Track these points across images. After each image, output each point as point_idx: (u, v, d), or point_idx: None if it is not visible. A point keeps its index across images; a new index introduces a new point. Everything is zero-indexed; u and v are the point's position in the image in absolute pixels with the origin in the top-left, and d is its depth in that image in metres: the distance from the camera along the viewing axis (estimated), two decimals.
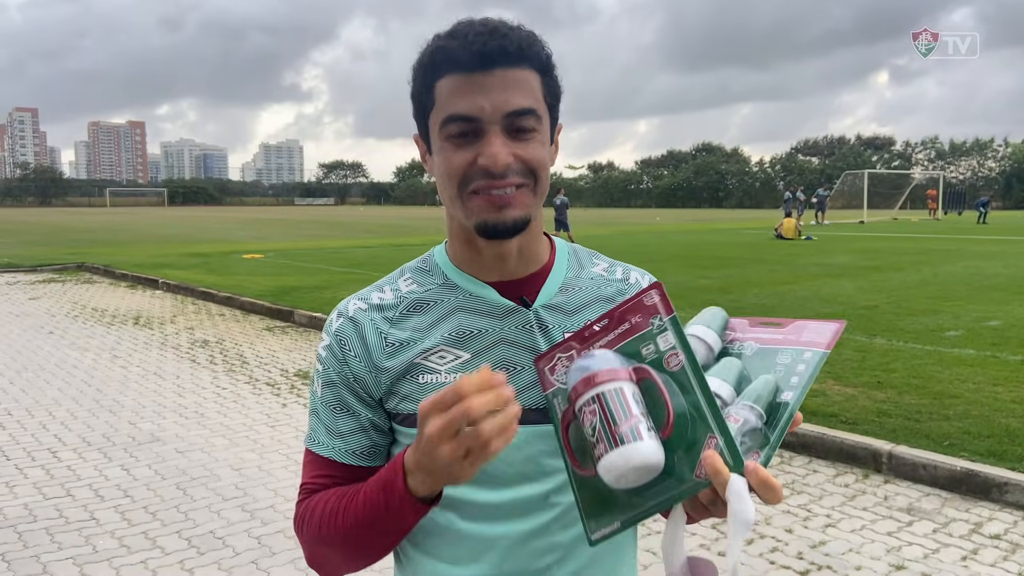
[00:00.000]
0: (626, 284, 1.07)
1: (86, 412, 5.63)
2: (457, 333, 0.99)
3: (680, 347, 0.82)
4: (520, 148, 0.91)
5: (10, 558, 3.40)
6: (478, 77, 0.89)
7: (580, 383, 0.83)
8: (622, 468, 0.78)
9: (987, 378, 5.76)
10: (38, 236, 27.04)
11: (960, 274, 12.88)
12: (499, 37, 0.90)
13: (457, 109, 0.90)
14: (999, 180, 77.71)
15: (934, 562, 3.33)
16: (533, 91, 0.92)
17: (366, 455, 1.01)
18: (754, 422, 0.79)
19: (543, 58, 0.93)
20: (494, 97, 0.89)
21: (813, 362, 0.82)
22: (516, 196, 0.92)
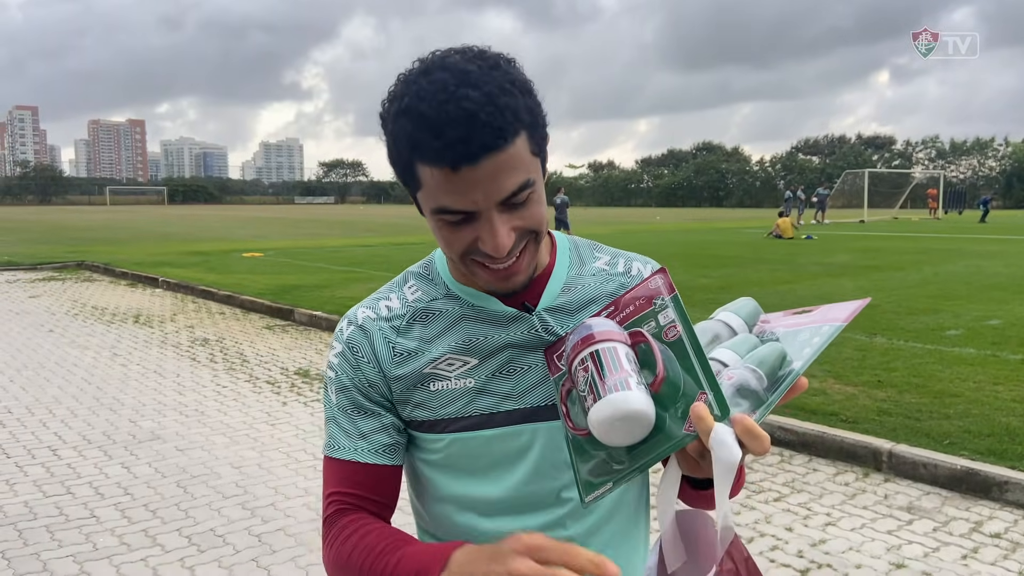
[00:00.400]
0: (628, 277, 1.07)
1: (86, 410, 5.63)
2: (464, 341, 0.99)
3: (679, 320, 0.84)
4: (519, 218, 0.88)
5: (10, 556, 3.41)
6: (464, 173, 0.82)
7: (578, 343, 0.86)
8: (610, 417, 0.79)
9: (987, 377, 5.76)
10: (38, 234, 27.04)
11: (960, 273, 12.88)
12: (480, 127, 0.80)
13: (448, 203, 0.85)
14: (999, 179, 77.68)
15: (934, 561, 3.33)
16: (523, 160, 0.85)
17: (388, 453, 1.02)
18: (752, 383, 0.80)
19: (525, 117, 0.85)
20: (485, 188, 0.84)
21: (827, 333, 0.83)
22: (521, 260, 0.92)
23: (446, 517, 1.05)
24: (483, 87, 0.81)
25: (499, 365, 0.99)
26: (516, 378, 0.99)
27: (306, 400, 5.92)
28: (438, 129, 0.80)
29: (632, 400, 0.78)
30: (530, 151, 0.86)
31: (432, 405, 0.99)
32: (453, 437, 0.99)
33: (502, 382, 0.99)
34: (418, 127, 0.82)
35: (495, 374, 0.99)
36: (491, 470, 1.00)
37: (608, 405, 0.79)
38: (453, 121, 0.80)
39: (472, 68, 0.82)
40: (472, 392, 0.98)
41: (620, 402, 0.78)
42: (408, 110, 0.82)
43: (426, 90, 0.81)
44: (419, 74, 0.84)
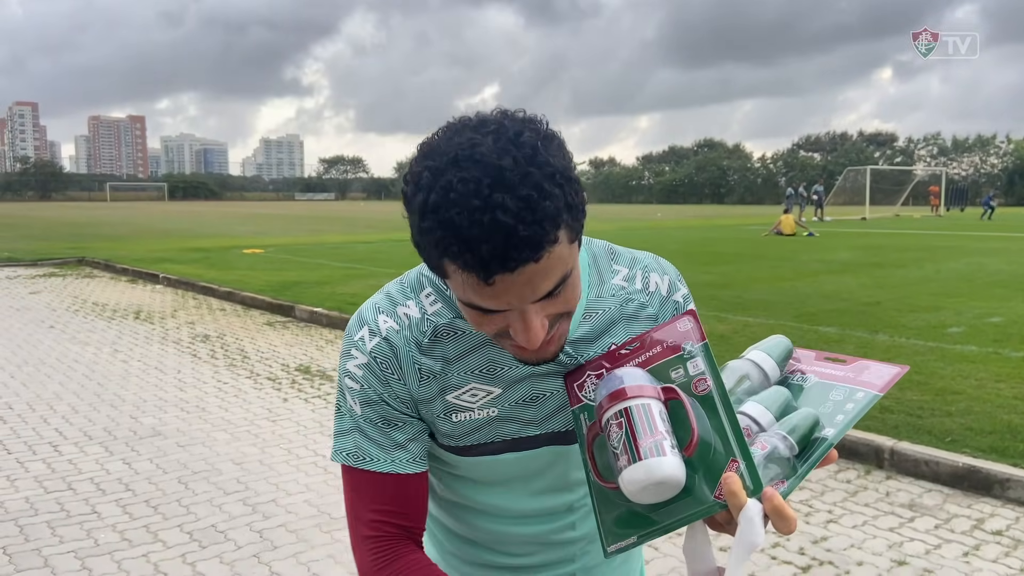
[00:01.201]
0: (647, 295, 1.03)
1: (87, 406, 5.63)
2: (486, 369, 0.97)
3: (709, 373, 0.83)
4: (553, 306, 0.83)
5: (11, 551, 3.41)
6: (498, 281, 0.76)
7: (608, 397, 0.85)
8: (643, 482, 0.79)
9: (989, 374, 5.75)
10: (38, 230, 27.04)
11: (962, 271, 12.87)
12: (517, 243, 0.73)
13: (479, 303, 0.80)
14: (1001, 177, 77.61)
15: (936, 558, 3.33)
16: (562, 257, 0.79)
17: (423, 460, 0.99)
18: (783, 451, 0.79)
19: (566, 215, 0.78)
20: (521, 292, 0.78)
21: (863, 402, 0.82)
22: (553, 338, 0.87)
23: (452, 511, 1.10)
24: (520, 190, 0.73)
25: (522, 394, 0.98)
26: (538, 405, 0.98)
27: (307, 396, 5.92)
28: (472, 243, 0.74)
29: (666, 467, 0.78)
30: (569, 242, 0.80)
31: (455, 434, 0.99)
32: (474, 460, 1.00)
33: (524, 410, 0.98)
34: (448, 235, 0.74)
35: (518, 402, 0.98)
36: (507, 484, 1.03)
37: (643, 470, 0.78)
38: (488, 236, 0.73)
39: (507, 163, 0.74)
40: (495, 421, 0.98)
41: (655, 468, 0.78)
42: (436, 210, 0.75)
43: (457, 191, 0.73)
44: (448, 164, 0.75)
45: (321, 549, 3.46)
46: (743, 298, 9.79)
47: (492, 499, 1.04)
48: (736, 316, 8.35)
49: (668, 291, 1.04)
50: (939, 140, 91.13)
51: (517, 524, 1.05)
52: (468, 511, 1.07)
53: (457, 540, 1.11)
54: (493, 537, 1.07)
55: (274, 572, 3.26)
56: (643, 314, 1.02)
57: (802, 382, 0.88)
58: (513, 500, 1.03)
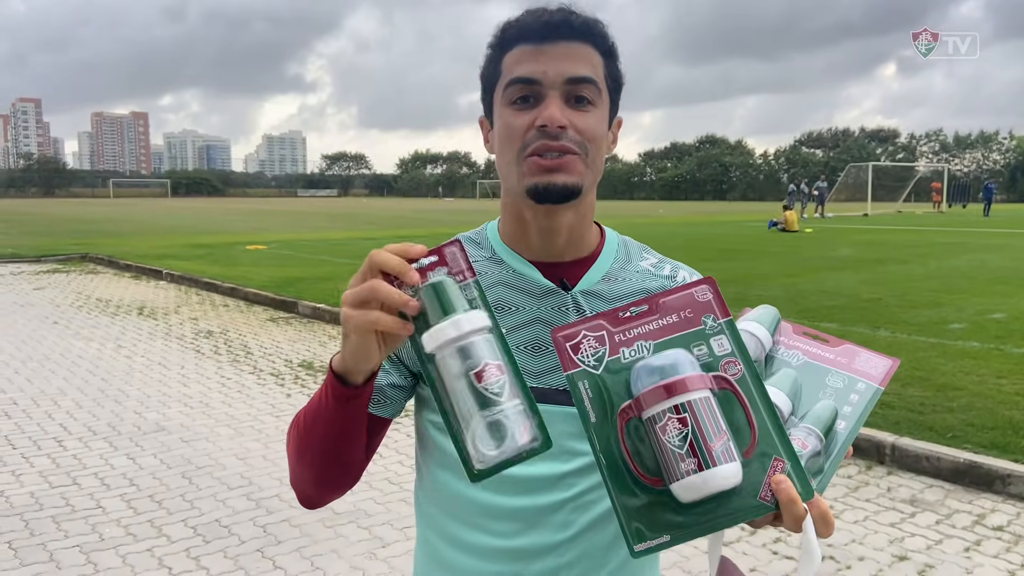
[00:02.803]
0: (672, 282, 1.08)
1: (91, 401, 5.66)
2: (496, 305, 1.00)
3: (739, 356, 0.76)
4: (576, 117, 0.95)
5: (17, 546, 3.43)
6: (543, 47, 0.95)
7: (661, 387, 0.74)
8: (710, 490, 0.71)
9: (991, 370, 5.76)
10: (42, 227, 27.07)
11: (964, 267, 12.86)
12: (566, 13, 0.96)
13: (520, 72, 0.96)
14: (1004, 173, 77.45)
15: (937, 553, 3.34)
16: (594, 66, 0.97)
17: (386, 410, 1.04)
18: (817, 448, 0.77)
19: (607, 42, 0.99)
20: (556, 64, 0.94)
21: (867, 396, 0.79)
22: (567, 161, 0.95)
23: (445, 485, 1.05)
24: (580, 12, 0.97)
25: (526, 340, 1.00)
26: (540, 357, 1.00)
27: (310, 392, 5.93)
28: (535, 12, 0.97)
29: (734, 475, 0.71)
30: (604, 76, 0.98)
31: None
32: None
33: (525, 357, 1.00)
34: (518, 15, 0.99)
35: (520, 347, 1.00)
36: None
37: (713, 478, 0.71)
38: (549, 12, 0.96)
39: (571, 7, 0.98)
40: None
41: (725, 478, 0.71)
42: (511, 23, 0.99)
43: (529, 10, 0.98)
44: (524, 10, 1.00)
45: (324, 544, 3.48)
46: (744, 294, 9.79)
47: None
48: (737, 312, 8.35)
49: None
50: (941, 136, 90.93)
51: (500, 492, 1.00)
52: (451, 477, 1.03)
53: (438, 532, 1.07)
54: (473, 507, 1.02)
55: (278, 567, 3.28)
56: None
57: (792, 359, 0.84)
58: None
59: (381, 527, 3.61)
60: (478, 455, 0.73)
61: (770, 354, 0.86)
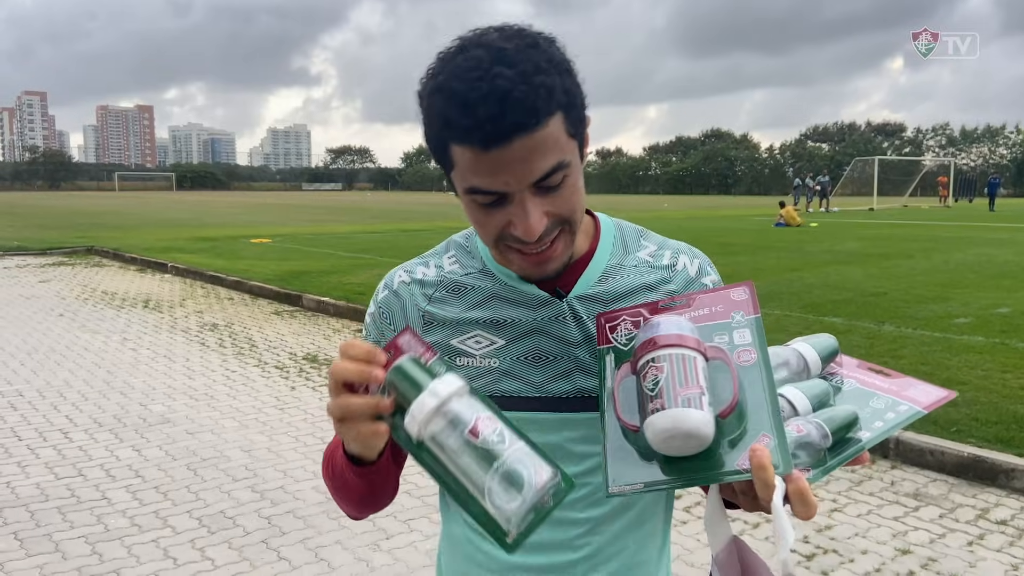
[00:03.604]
0: (672, 272, 1.03)
1: (97, 394, 5.68)
2: (492, 320, 0.99)
3: (757, 346, 0.80)
4: (552, 204, 0.87)
5: (23, 536, 3.45)
6: (495, 153, 0.81)
7: (658, 338, 0.81)
8: (671, 430, 0.75)
9: (996, 365, 5.74)
10: (47, 219, 27.15)
11: (970, 261, 12.82)
12: (513, 105, 0.78)
13: (479, 184, 0.85)
14: (1010, 167, 77.13)
15: (940, 547, 3.34)
16: (557, 142, 0.83)
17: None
18: (816, 439, 0.77)
19: (562, 97, 0.82)
20: (517, 170, 0.82)
21: (905, 415, 0.79)
22: (555, 247, 0.90)
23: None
24: (518, 65, 0.79)
25: (525, 351, 0.98)
26: (541, 367, 0.98)
27: (315, 385, 5.95)
28: (470, 107, 0.79)
29: (698, 420, 0.75)
30: (566, 132, 0.84)
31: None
32: None
33: (526, 368, 0.98)
34: (450, 104, 0.81)
35: (520, 359, 0.98)
36: None
37: (674, 418, 0.75)
38: (485, 99, 0.78)
39: (509, 46, 0.81)
40: (497, 372, 0.99)
41: (686, 418, 0.74)
42: (441, 87, 0.82)
43: (461, 67, 0.81)
44: (456, 52, 0.83)
45: (329, 535, 3.49)
46: None
47: None
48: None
49: (696, 273, 1.04)
50: (948, 130, 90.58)
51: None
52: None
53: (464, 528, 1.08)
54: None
55: (282, 558, 3.29)
56: (663, 288, 1.01)
57: (840, 384, 0.85)
58: None
59: (385, 519, 3.62)
60: (502, 514, 0.72)
61: (824, 379, 0.86)
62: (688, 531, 3.51)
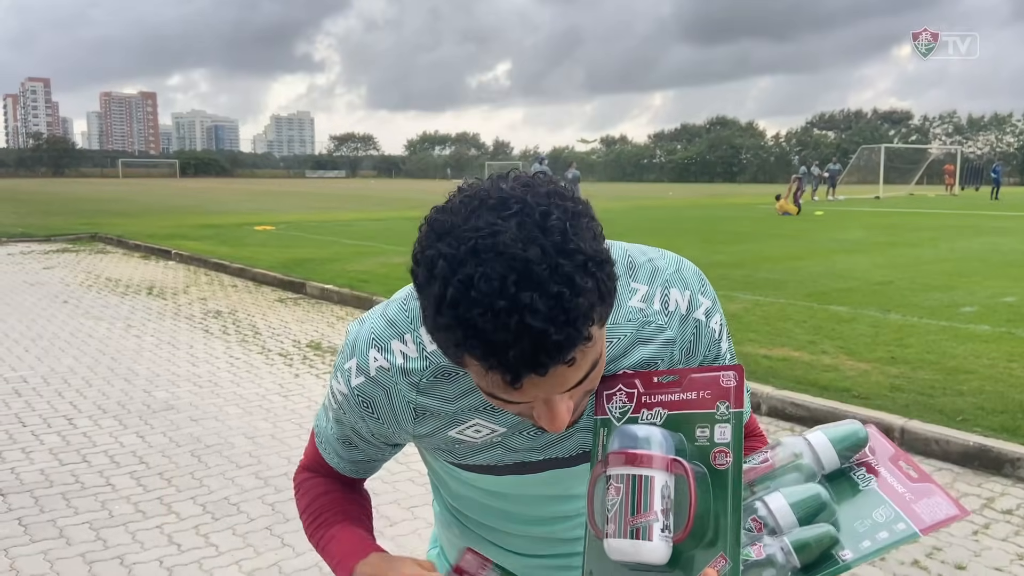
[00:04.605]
0: (665, 317, 0.93)
1: (101, 380, 5.69)
2: (490, 407, 0.91)
3: (733, 448, 0.79)
4: (580, 390, 0.78)
5: (27, 522, 3.46)
6: (526, 383, 0.71)
7: (618, 454, 0.81)
8: (619, 557, 0.79)
9: (1002, 354, 5.72)
10: (51, 206, 27.17)
11: (977, 250, 12.76)
12: (550, 348, 0.67)
13: (503, 397, 0.75)
14: (1017, 155, 76.72)
15: (944, 536, 3.33)
16: (594, 347, 0.73)
17: (369, 471, 1.09)
18: (779, 561, 0.76)
19: (599, 305, 0.71)
20: (548, 389, 0.73)
21: (899, 535, 0.77)
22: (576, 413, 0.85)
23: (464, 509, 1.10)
24: (550, 287, 0.66)
25: (527, 428, 0.94)
26: (541, 436, 0.95)
27: (318, 372, 5.95)
28: (497, 348, 0.67)
29: (645, 552, 0.77)
30: (600, 326, 0.73)
31: (457, 454, 0.98)
32: (478, 476, 1.00)
33: (528, 440, 0.95)
34: (470, 338, 0.68)
35: (520, 435, 0.95)
36: (515, 497, 1.02)
37: (621, 547, 0.78)
38: (516, 341, 0.66)
39: (534, 254, 0.66)
40: (499, 447, 0.96)
41: (631, 550, 0.77)
42: (455, 306, 0.67)
43: (478, 289, 0.66)
44: (467, 254, 0.67)
45: None
46: (754, 277, 9.74)
47: (495, 502, 1.04)
48: (747, 295, 8.33)
49: (688, 308, 0.95)
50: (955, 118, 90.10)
51: (520, 523, 1.05)
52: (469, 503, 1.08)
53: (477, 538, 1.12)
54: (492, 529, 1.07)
55: (286, 544, 3.30)
56: (660, 337, 0.93)
57: (862, 483, 0.82)
58: (514, 506, 1.03)
59: (388, 506, 3.63)
60: None
61: (846, 472, 0.84)
62: None
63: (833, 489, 0.82)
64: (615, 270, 0.74)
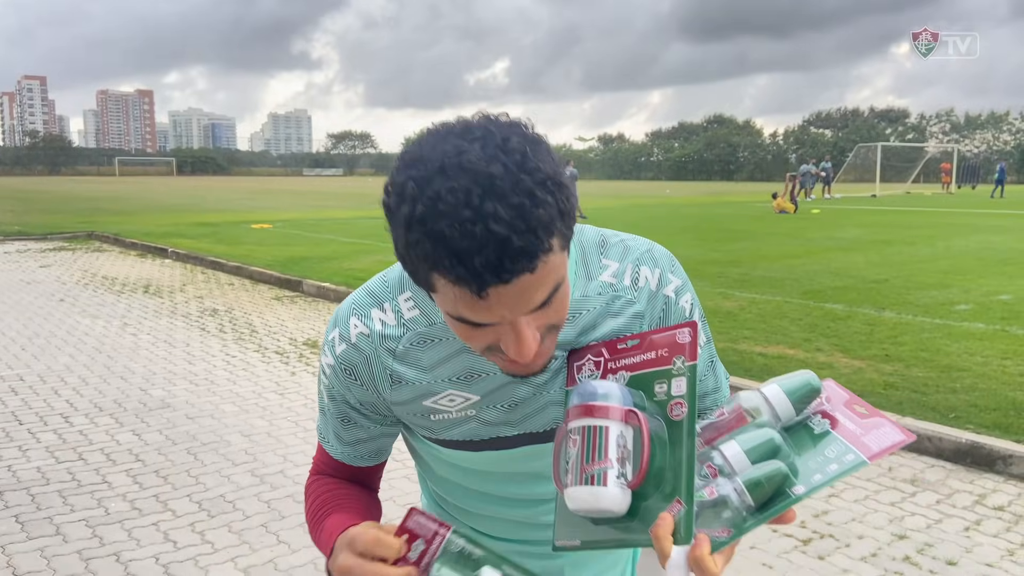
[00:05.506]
0: (635, 291, 0.96)
1: (97, 378, 5.70)
2: (464, 375, 0.95)
3: (687, 399, 0.81)
4: (545, 317, 0.80)
5: (24, 519, 3.47)
6: (491, 293, 0.73)
7: (575, 408, 0.84)
8: (577, 504, 0.80)
9: (996, 352, 5.75)
10: (48, 204, 27.13)
11: (972, 248, 12.80)
12: (512, 253, 0.71)
13: (470, 317, 0.77)
14: (1014, 154, 76.83)
15: (936, 532, 3.35)
16: (555, 266, 0.76)
17: (374, 456, 1.08)
18: (734, 501, 0.78)
19: (559, 222, 0.74)
20: (513, 305, 0.76)
21: (848, 465, 0.78)
22: (543, 350, 0.85)
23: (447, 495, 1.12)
24: (512, 197, 0.71)
25: (502, 399, 0.96)
26: (516, 410, 0.97)
27: (314, 370, 5.96)
28: (463, 255, 0.71)
29: (602, 499, 0.78)
30: (561, 250, 0.77)
31: (435, 428, 1.00)
32: (456, 452, 1.02)
33: (504, 414, 0.97)
34: (438, 248, 0.71)
35: (495, 407, 0.97)
36: (496, 475, 1.04)
37: (578, 494, 0.79)
38: (481, 247, 0.70)
39: (496, 170, 0.71)
40: (473, 421, 0.98)
41: (589, 496, 0.79)
42: (423, 221, 0.71)
43: (445, 201, 0.70)
44: (435, 173, 0.72)
45: None
46: (750, 275, 9.77)
47: (478, 484, 1.05)
48: (743, 293, 8.34)
49: (658, 285, 0.98)
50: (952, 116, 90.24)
51: (501, 506, 1.06)
52: (453, 488, 1.09)
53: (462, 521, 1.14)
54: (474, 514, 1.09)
55: (281, 541, 3.31)
56: (629, 311, 0.96)
57: (817, 427, 0.84)
58: (494, 487, 1.04)
59: (384, 503, 3.62)
60: None
61: (805, 422, 0.85)
62: None
63: (792, 440, 0.83)
64: (573, 196, 0.78)
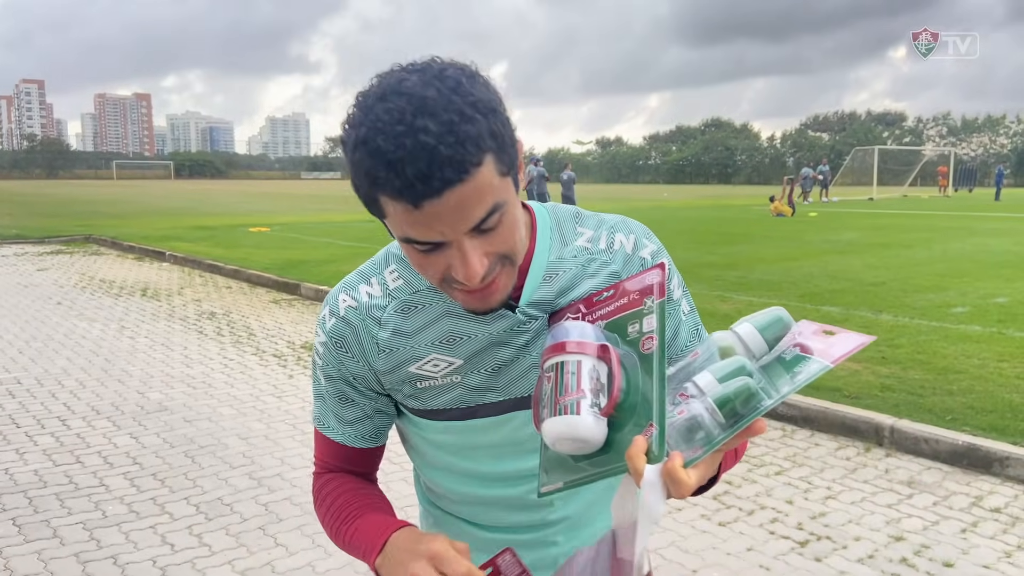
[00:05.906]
0: (610, 253, 1.02)
1: (95, 381, 5.69)
2: (447, 339, 0.98)
3: (657, 332, 0.84)
4: (491, 243, 0.84)
5: (21, 522, 3.46)
6: (427, 207, 0.78)
7: (548, 348, 0.87)
8: (554, 435, 0.82)
9: (992, 354, 5.76)
10: (46, 208, 27.10)
11: (969, 251, 12.82)
12: (440, 162, 0.76)
13: (414, 235, 0.82)
14: (1011, 157, 76.99)
15: (933, 534, 3.36)
16: (491, 185, 0.80)
17: (373, 437, 1.10)
18: (706, 420, 0.79)
19: (490, 141, 0.79)
20: (451, 220, 0.80)
21: (813, 372, 0.79)
22: (497, 282, 0.89)
23: (440, 482, 1.11)
24: (442, 115, 0.76)
25: (486, 363, 0.99)
26: (500, 374, 0.99)
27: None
28: (397, 165, 0.76)
29: (576, 426, 0.80)
30: (498, 173, 0.81)
31: (422, 398, 1.02)
32: (445, 424, 1.03)
33: (489, 378, 1.00)
34: (376, 162, 0.77)
35: (479, 371, 0.99)
36: (484, 450, 1.04)
37: (553, 426, 0.81)
38: (412, 156, 0.76)
39: (430, 93, 0.77)
40: (459, 387, 1.00)
41: (563, 426, 0.80)
42: (365, 142, 0.78)
43: (382, 120, 0.77)
44: (376, 99, 0.79)
45: None
46: (747, 278, 9.78)
47: (469, 464, 1.05)
48: (740, 296, 8.35)
49: (633, 248, 1.03)
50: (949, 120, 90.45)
51: (504, 487, 1.06)
52: (445, 476, 1.09)
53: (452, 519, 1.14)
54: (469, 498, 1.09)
55: (279, 544, 3.31)
56: (605, 271, 1.01)
57: (788, 355, 0.85)
58: (490, 464, 1.05)
59: None
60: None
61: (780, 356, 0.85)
62: (683, 518, 3.53)
63: (768, 375, 0.83)
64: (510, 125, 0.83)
